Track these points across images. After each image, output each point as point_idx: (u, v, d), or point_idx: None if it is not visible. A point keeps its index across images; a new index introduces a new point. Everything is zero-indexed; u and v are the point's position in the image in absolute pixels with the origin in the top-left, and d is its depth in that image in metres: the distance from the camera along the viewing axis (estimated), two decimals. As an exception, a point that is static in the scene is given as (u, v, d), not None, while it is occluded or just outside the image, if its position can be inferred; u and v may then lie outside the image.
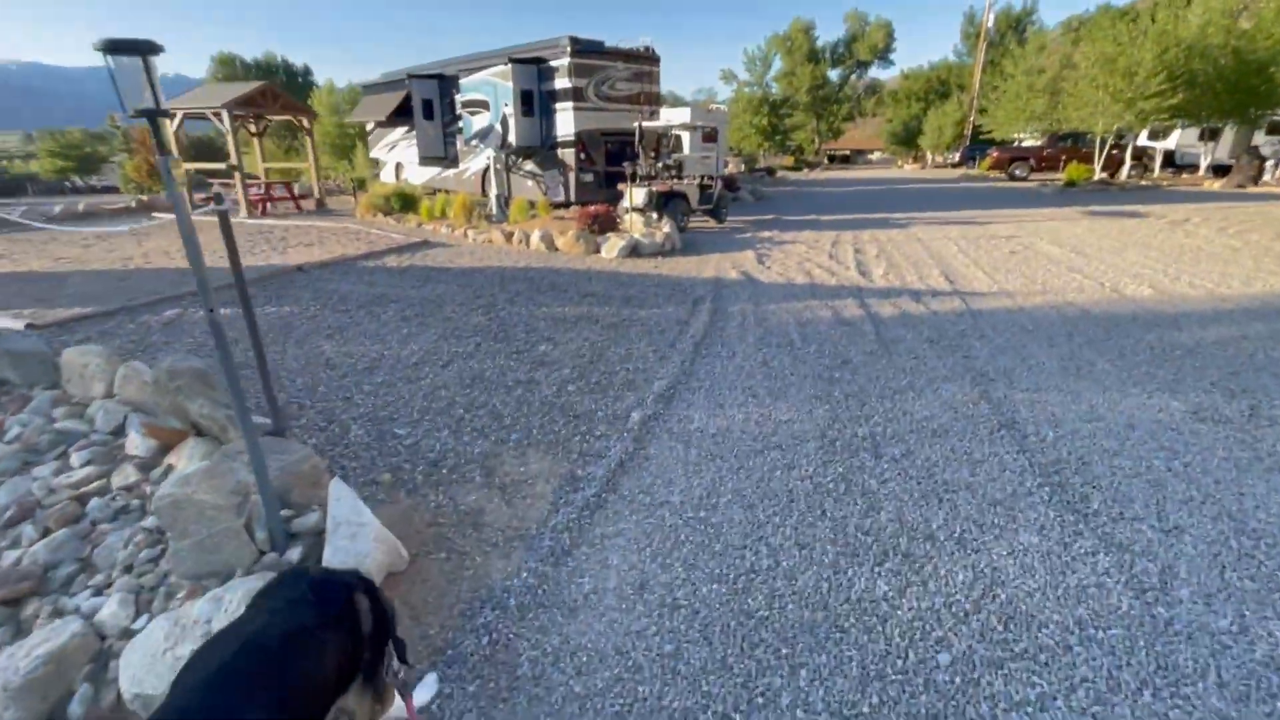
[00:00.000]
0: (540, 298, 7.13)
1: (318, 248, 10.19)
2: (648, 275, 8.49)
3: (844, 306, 6.83)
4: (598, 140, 14.86)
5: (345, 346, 5.30)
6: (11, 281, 7.69)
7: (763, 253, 10.23)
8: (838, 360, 5.17)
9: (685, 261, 9.49)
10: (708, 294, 7.43)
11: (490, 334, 5.75)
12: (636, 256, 9.82)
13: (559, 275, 8.36)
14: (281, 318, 6.07)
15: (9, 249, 10.29)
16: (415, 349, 5.29)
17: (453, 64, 17.36)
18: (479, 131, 16.66)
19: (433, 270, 8.50)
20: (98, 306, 6.25)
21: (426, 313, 6.39)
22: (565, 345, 5.49)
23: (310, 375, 4.64)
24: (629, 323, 6.24)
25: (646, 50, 15.28)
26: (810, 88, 47.60)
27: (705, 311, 6.65)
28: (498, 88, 15.44)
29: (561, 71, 14.24)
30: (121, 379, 3.69)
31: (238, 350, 4.71)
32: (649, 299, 7.20)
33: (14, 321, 5.65)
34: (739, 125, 41.96)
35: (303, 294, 7.05)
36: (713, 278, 8.36)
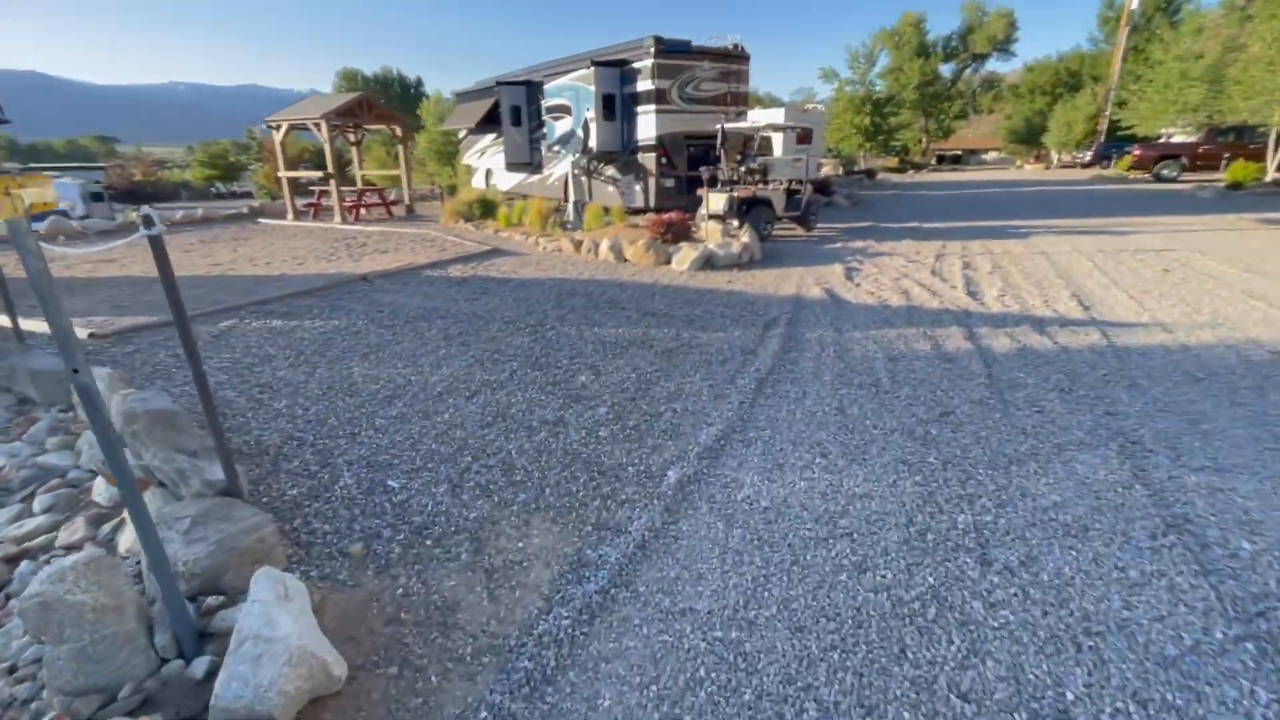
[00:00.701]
0: (595, 316, 6.54)
1: (391, 255, 10.20)
2: (718, 291, 7.70)
3: (947, 337, 5.73)
4: (680, 144, 14.19)
5: (375, 369, 4.94)
6: (106, 286, 8.10)
7: (853, 266, 9.14)
8: (936, 410, 4.18)
9: (763, 275, 8.60)
10: (783, 316, 6.55)
11: (530, 359, 5.21)
12: (710, 269, 9.04)
13: (621, 289, 7.75)
14: (324, 334, 5.85)
15: (124, 253, 11.05)
16: (445, 374, 4.83)
17: (541, 69, 17.30)
18: (561, 137, 16.48)
19: (492, 282, 8.15)
20: (161, 316, 6.32)
21: (471, 331, 5.97)
22: (609, 376, 4.84)
23: (326, 404, 4.27)
24: (687, 349, 5.50)
25: (735, 48, 14.43)
26: (919, 84, 44.54)
27: (777, 338, 5.79)
28: (580, 92, 15.15)
29: (644, 73, 13.69)
30: (116, 410, 3.43)
31: (247, 381, 4.43)
32: (715, 320, 6.42)
33: (79, 330, 5.76)
34: (838, 125, 39.86)
35: (356, 306, 6.87)
36: (792, 295, 7.44)
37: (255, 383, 4.61)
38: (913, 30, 44.60)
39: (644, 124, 14.11)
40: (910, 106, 45.68)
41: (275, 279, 8.32)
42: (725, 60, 14.34)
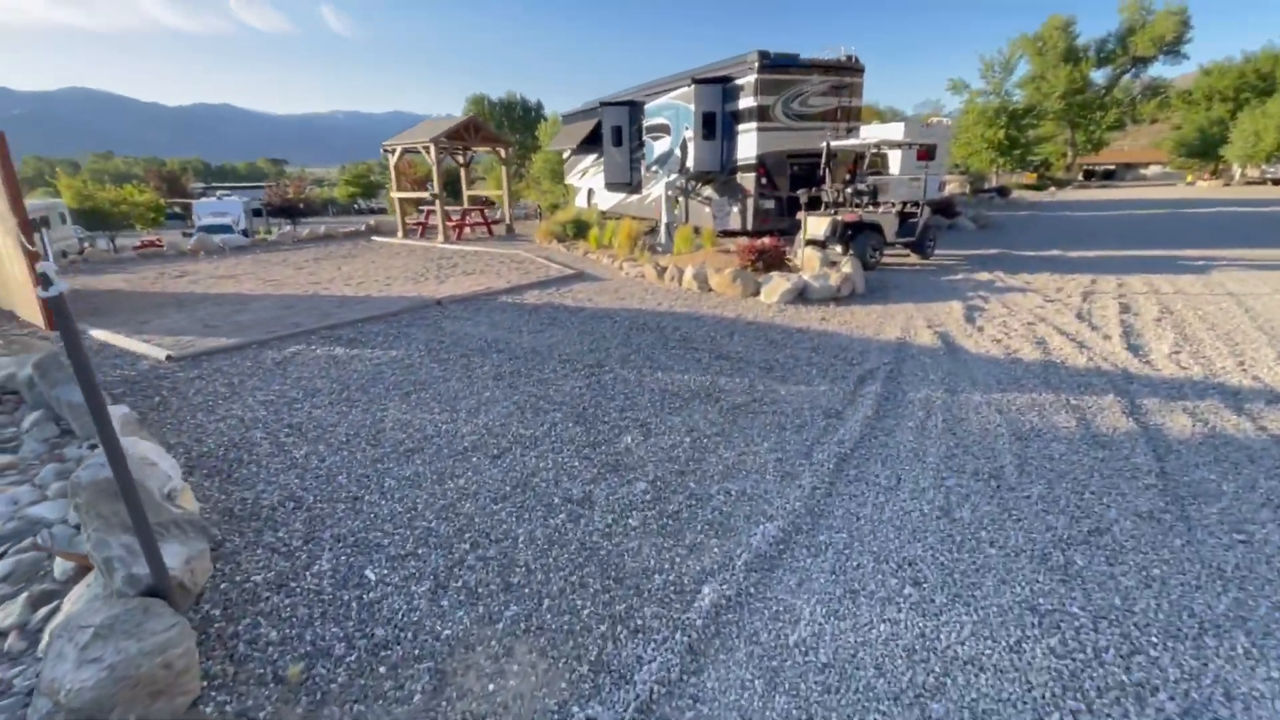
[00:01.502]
0: (661, 357, 5.87)
1: (475, 277, 10.14)
2: (808, 331, 6.77)
3: (1100, 410, 4.50)
4: (783, 163, 13.29)
5: (411, 412, 4.57)
6: (210, 303, 8.56)
7: (976, 304, 7.82)
8: (1082, 525, 3.10)
9: (864, 313, 7.53)
10: (882, 367, 5.53)
11: (575, 410, 4.63)
12: (803, 303, 8.09)
13: (698, 324, 7.03)
14: (378, 366, 5.63)
15: (251, 269, 11.89)
16: (479, 424, 4.36)
17: (643, 89, 17.07)
18: (659, 157, 16.09)
19: (563, 311, 7.73)
20: (238, 339, 6.43)
21: (523, 370, 5.51)
22: (659, 438, 4.15)
23: (345, 454, 3.92)
24: (759, 406, 4.68)
25: (849, 60, 13.34)
26: (1065, 92, 40.20)
27: (871, 397, 4.81)
28: (679, 110, 14.67)
29: (747, 89, 12.97)
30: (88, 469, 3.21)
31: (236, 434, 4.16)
32: (798, 369, 5.54)
33: (158, 351, 5.94)
34: (967, 139, 36.70)
35: (421, 334, 6.67)
36: (896, 340, 6.36)
37: (287, 423, 4.38)
38: (1059, 34, 40.39)
39: (744, 142, 13.36)
40: (1054, 117, 41.30)
41: (359, 301, 8.41)
42: (837, 73, 13.29)
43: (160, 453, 3.40)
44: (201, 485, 3.49)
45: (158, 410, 4.60)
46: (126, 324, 7.31)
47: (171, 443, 4.04)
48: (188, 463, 3.77)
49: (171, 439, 4.11)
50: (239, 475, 3.63)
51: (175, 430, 4.24)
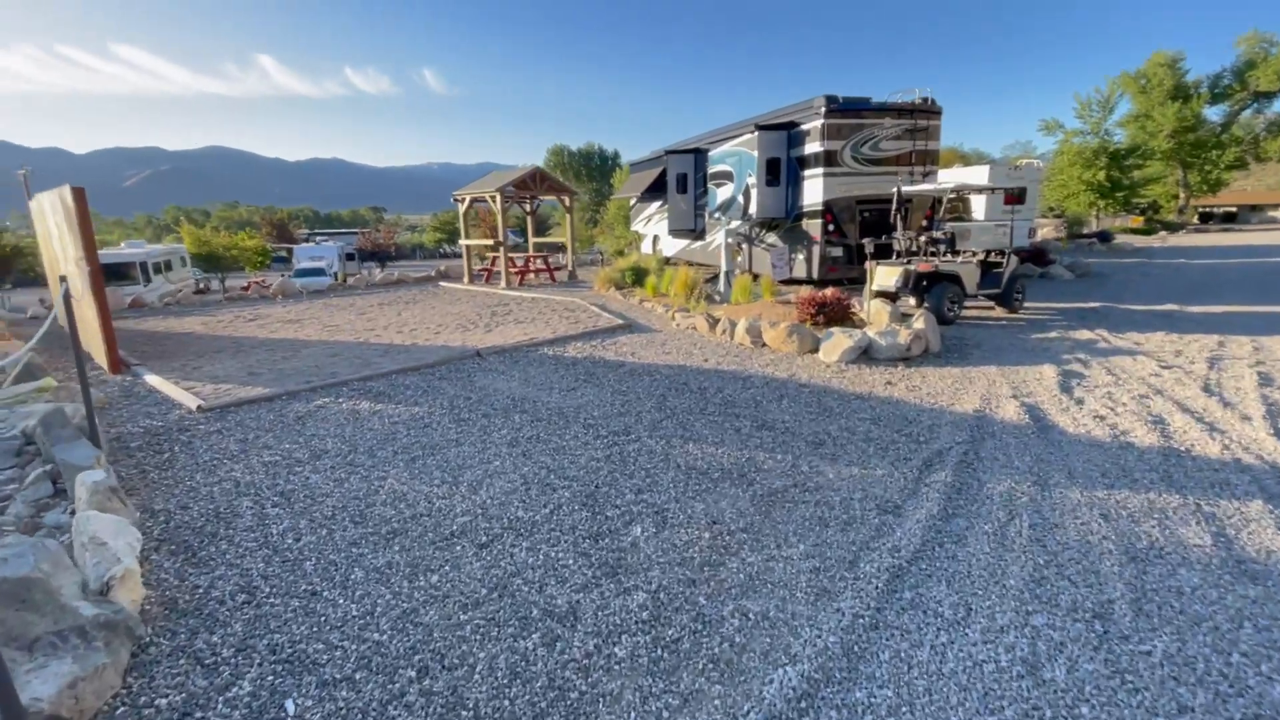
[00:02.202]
0: (696, 425, 5.27)
1: (524, 326, 9.96)
2: (870, 398, 5.99)
3: (1244, 522, 3.51)
4: (851, 208, 12.59)
5: (409, 483, 4.19)
6: (265, 348, 8.74)
7: (1073, 369, 6.77)
8: (1231, 710, 2.23)
9: (937, 377, 6.66)
10: (955, 447, 4.70)
11: (587, 489, 4.10)
12: (867, 362, 7.29)
13: (744, 386, 6.40)
14: (395, 424, 5.35)
15: (318, 313, 12.31)
16: (476, 502, 3.91)
17: (707, 137, 16.95)
18: (722, 203, 15.76)
19: (603, 366, 7.30)
20: (273, 389, 6.38)
21: (543, 435, 5.06)
22: (674, 532, 3.54)
23: (324, 534, 3.55)
24: (801, 493, 3.99)
25: (924, 102, 12.61)
26: (1174, 131, 37.16)
27: (938, 489, 4.01)
28: (742, 157, 14.33)
29: (813, 134, 12.47)
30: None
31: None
32: (853, 445, 4.79)
33: (193, 400, 5.94)
34: (1062, 181, 34.36)
35: (449, 389, 6.40)
36: (973, 413, 5.48)
37: (281, 489, 4.10)
38: (1165, 71, 37.62)
39: (810, 188, 12.79)
40: (1162, 157, 38.15)
41: (403, 350, 8.34)
42: (911, 116, 12.58)
43: (120, 528, 3.14)
44: (160, 566, 3.20)
45: (161, 469, 4.45)
46: (181, 369, 7.50)
47: (157, 509, 3.82)
48: (162, 535, 3.51)
49: (159, 504, 3.90)
50: (205, 554, 3.32)
51: (167, 494, 4.04)
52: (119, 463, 4.54)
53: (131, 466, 4.47)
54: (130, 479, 4.26)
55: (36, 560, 2.32)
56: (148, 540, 3.43)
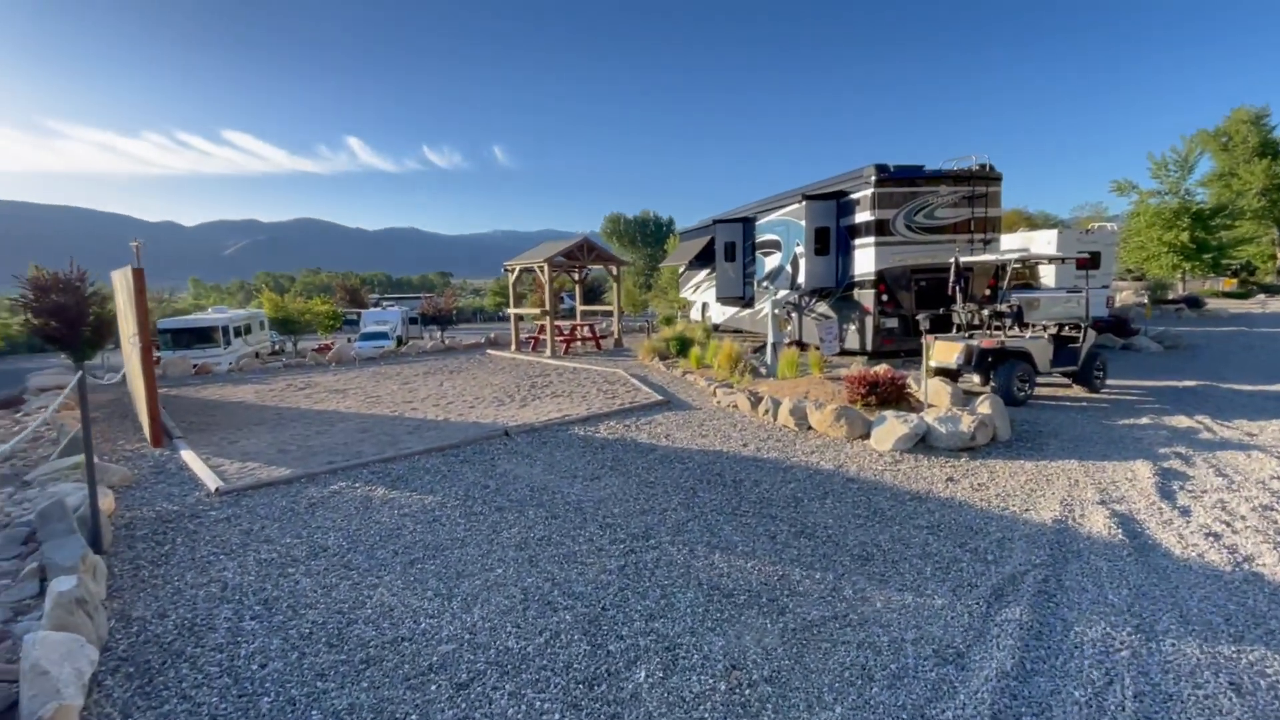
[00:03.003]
0: (725, 529, 4.72)
1: (560, 400, 9.71)
2: (928, 498, 5.29)
3: None
4: (906, 278, 12.00)
5: (399, 594, 3.82)
6: (302, 421, 8.78)
7: (1173, 468, 5.85)
8: None
9: (1008, 473, 5.88)
10: (1031, 571, 3.97)
11: (592, 611, 3.61)
12: (925, 452, 6.58)
13: (785, 478, 5.81)
14: (401, 518, 5.04)
15: (365, 382, 12.50)
16: (466, 624, 3.48)
17: (756, 206, 16.90)
18: (770, 273, 15.46)
19: (632, 450, 6.86)
20: (295, 470, 6.25)
21: (555, 538, 4.62)
22: (684, 678, 2.99)
23: (291, 660, 3.19)
24: (842, 627, 3.37)
25: (982, 169, 12.10)
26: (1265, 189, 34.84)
27: (1012, 629, 3.31)
28: (790, 226, 14.08)
29: (863, 204, 12.11)
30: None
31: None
32: (908, 562, 4.13)
33: (213, 481, 5.85)
34: (1140, 243, 32.43)
35: (469, 475, 6.10)
36: (1053, 524, 4.71)
37: (266, 596, 3.81)
38: (1248, 128, 35.73)
39: (861, 258, 12.33)
40: (1253, 216, 35.66)
41: (433, 426, 8.19)
42: (969, 182, 12.07)
43: (73, 650, 2.88)
44: (109, 696, 2.89)
45: (156, 564, 4.26)
46: (217, 444, 7.55)
47: (134, 616, 3.58)
48: (126, 652, 3.24)
49: (139, 609, 3.66)
50: (161, 681, 3.00)
51: (150, 597, 3.81)
52: (118, 554, 4.39)
53: (128, 561, 4.30)
54: (121, 576, 4.07)
55: (-69, 715, 2.04)
56: (108, 659, 3.15)
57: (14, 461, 6.74)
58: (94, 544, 4.21)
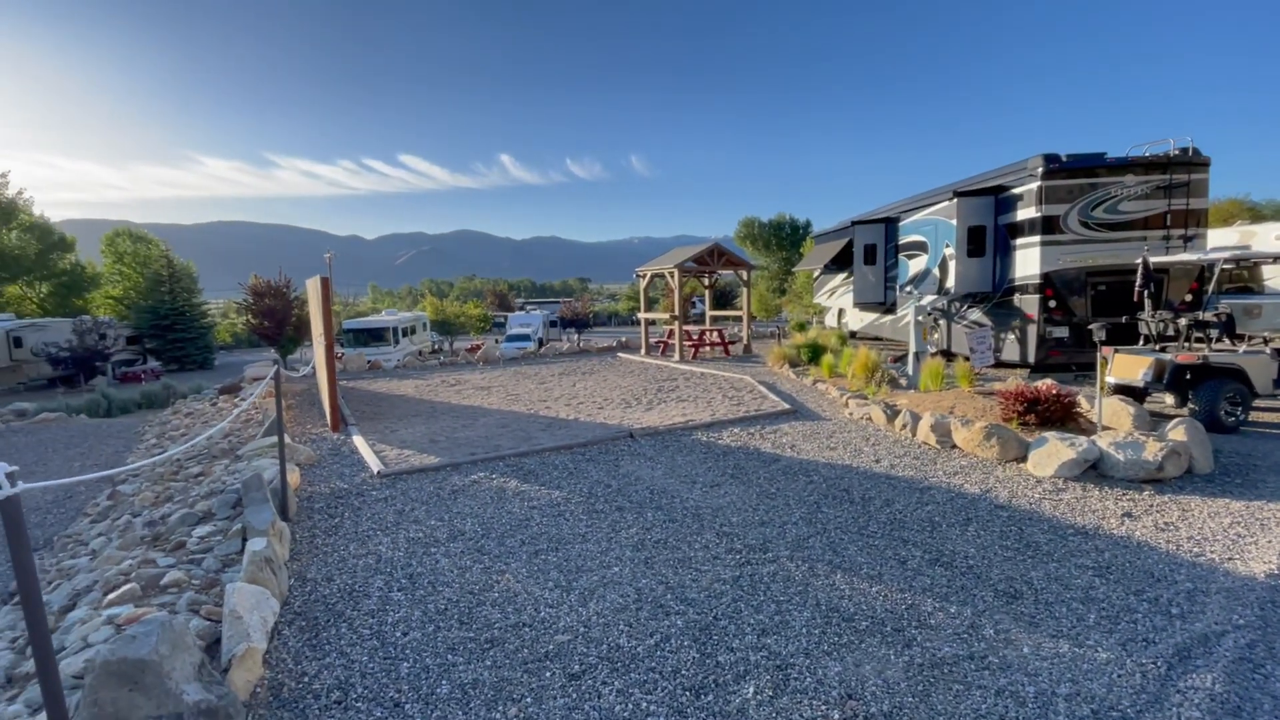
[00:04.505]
0: (849, 548, 4.46)
1: (685, 405, 9.76)
2: (1096, 534, 4.61)
3: None
4: (1080, 281, 10.60)
5: (525, 581, 4.06)
6: (451, 415, 9.63)
7: None
8: None
9: (1207, 512, 4.96)
10: (1231, 632, 3.32)
11: (704, 619, 3.58)
12: (1096, 481, 5.75)
13: (922, 499, 5.37)
14: (530, 510, 5.35)
15: (507, 381, 13.48)
16: (582, 617, 3.61)
17: (898, 206, 15.82)
18: (914, 276, 14.41)
19: (755, 459, 6.71)
20: (442, 459, 6.89)
21: (671, 541, 4.65)
22: (794, 701, 2.86)
23: (427, 631, 3.51)
24: (978, 670, 3.05)
25: (1181, 153, 10.34)
26: None
27: (1201, 701, 2.79)
28: (939, 226, 13.00)
29: (1027, 199, 10.87)
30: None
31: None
32: (1065, 604, 3.63)
33: (376, 464, 6.61)
34: None
35: (594, 473, 6.33)
36: (1265, 578, 3.90)
37: (411, 571, 4.23)
38: None
39: (1023, 259, 11.08)
40: None
41: (564, 425, 8.61)
42: (1164, 170, 10.39)
43: (261, 600, 3.41)
44: (285, 644, 3.38)
45: (328, 534, 4.90)
46: (382, 431, 8.52)
47: (309, 577, 4.16)
48: (301, 607, 3.77)
49: (312, 571, 4.24)
50: (325, 636, 3.46)
51: (322, 562, 4.40)
52: (300, 523, 5.11)
53: (306, 529, 5.00)
54: (300, 542, 4.74)
55: (157, 642, 2.52)
56: (286, 612, 3.69)
57: (231, 438, 8.11)
58: (282, 512, 4.95)
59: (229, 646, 3.04)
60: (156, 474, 7.08)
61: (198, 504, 5.38)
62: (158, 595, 3.67)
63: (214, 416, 10.84)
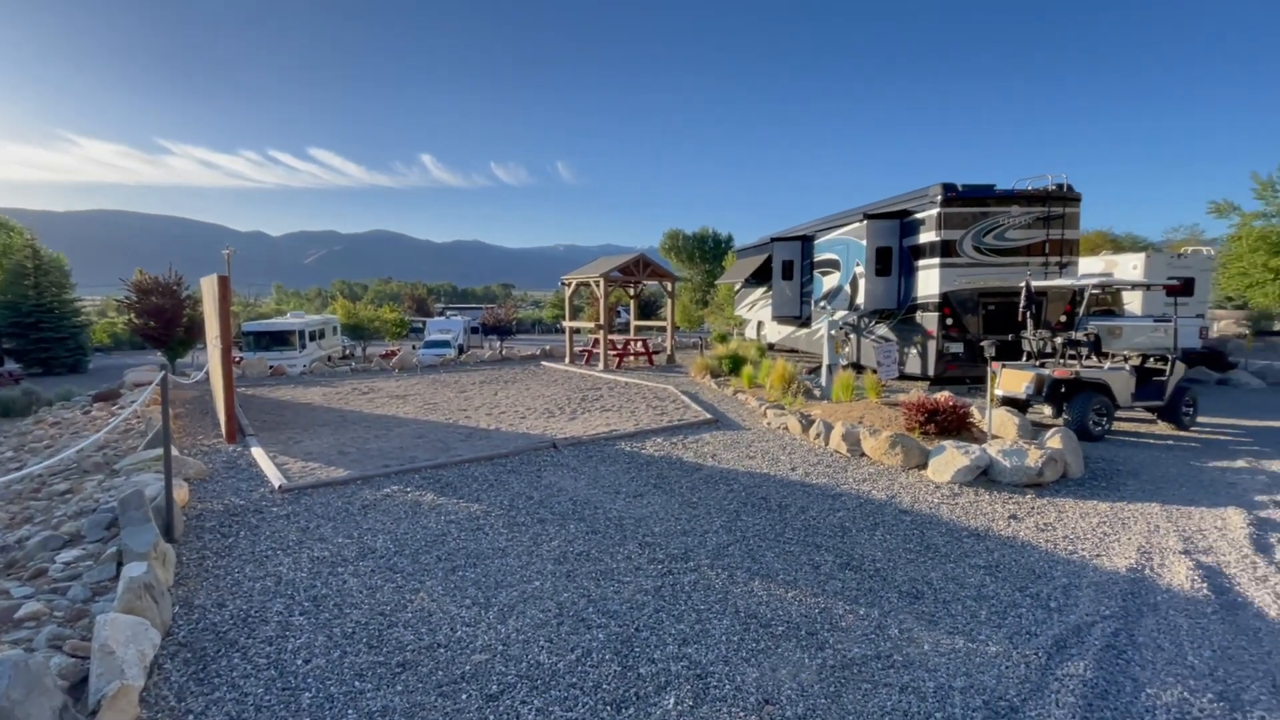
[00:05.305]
0: (767, 555, 4.60)
1: (609, 414, 9.76)
2: (986, 536, 5.00)
3: None
4: (973, 302, 11.49)
5: (439, 600, 3.90)
6: (362, 424, 9.16)
7: (1271, 518, 5.32)
8: None
9: (1078, 514, 5.49)
10: (1100, 623, 3.67)
11: (625, 631, 3.57)
12: (987, 486, 6.23)
13: (834, 506, 5.62)
14: (446, 524, 5.16)
15: (424, 389, 12.96)
16: (501, 635, 3.51)
17: (815, 224, 16.61)
18: (827, 293, 15.15)
19: (677, 469, 6.81)
20: (352, 472, 6.52)
21: (594, 553, 4.62)
22: (714, 710, 2.91)
23: (333, 657, 3.30)
24: (884, 669, 3.21)
25: (1058, 189, 11.50)
26: (1392, 213, 31.49)
27: (1075, 688, 3.06)
28: (850, 246, 13.76)
29: (928, 224, 11.71)
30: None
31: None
32: (961, 603, 3.90)
33: (277, 479, 6.17)
34: (1242, 269, 29.88)
35: (515, 485, 6.19)
36: (1127, 572, 4.35)
37: (315, 594, 3.96)
38: (1376, 145, 32.45)
39: (925, 279, 11.90)
40: (1377, 242, 32.35)
41: (484, 435, 8.38)
42: (1044, 203, 11.50)
43: (138, 632, 3.08)
44: (167, 679, 3.07)
45: (220, 555, 4.51)
46: (284, 443, 7.96)
47: (196, 604, 3.80)
48: (186, 637, 3.44)
49: (200, 598, 3.88)
50: (215, 669, 3.17)
51: (212, 586, 4.04)
52: (187, 544, 4.68)
53: (195, 550, 4.58)
54: (188, 566, 4.33)
55: (9, 685, 2.22)
56: (169, 643, 3.36)
57: (106, 451, 7.33)
58: (166, 533, 4.52)
59: (98, 686, 2.72)
60: (13, 492, 6.27)
61: (63, 525, 4.81)
62: (11, 631, 3.24)
63: (86, 426, 9.75)
